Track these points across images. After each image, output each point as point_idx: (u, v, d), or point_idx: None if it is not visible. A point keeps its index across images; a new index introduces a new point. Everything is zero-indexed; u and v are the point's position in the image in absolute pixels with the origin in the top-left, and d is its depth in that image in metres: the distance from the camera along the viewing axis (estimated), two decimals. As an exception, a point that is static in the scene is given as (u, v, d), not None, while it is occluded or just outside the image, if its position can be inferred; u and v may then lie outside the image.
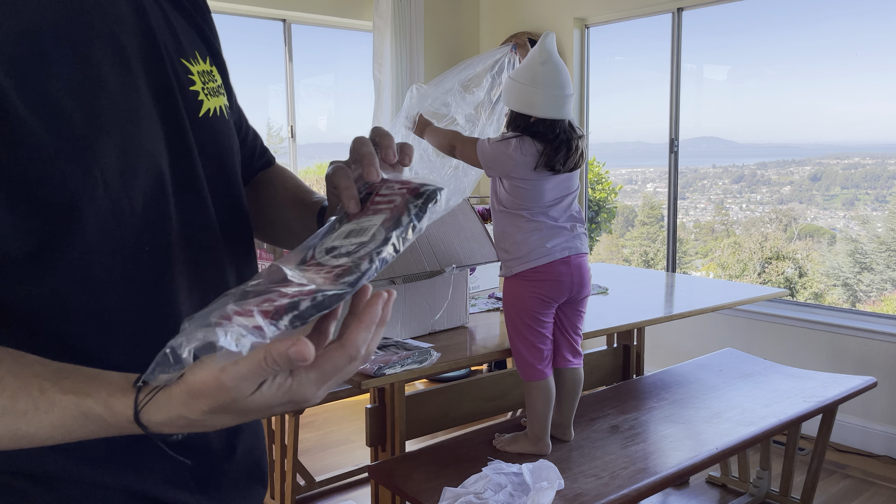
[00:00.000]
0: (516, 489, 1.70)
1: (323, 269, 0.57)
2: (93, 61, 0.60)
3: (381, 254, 0.58)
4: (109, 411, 0.54)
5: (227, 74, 0.84)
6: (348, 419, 3.63)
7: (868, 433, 3.32)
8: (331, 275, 0.56)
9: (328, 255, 0.60)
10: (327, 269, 0.57)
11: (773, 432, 2.17)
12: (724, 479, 2.92)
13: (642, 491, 1.78)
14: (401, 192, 0.65)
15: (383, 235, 0.60)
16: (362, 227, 0.63)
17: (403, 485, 1.79)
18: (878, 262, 3.73)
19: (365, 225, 0.63)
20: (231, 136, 0.79)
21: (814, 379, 2.60)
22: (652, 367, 3.94)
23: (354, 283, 0.55)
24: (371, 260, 0.57)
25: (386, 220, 0.62)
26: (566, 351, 2.02)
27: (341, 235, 0.62)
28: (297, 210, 0.86)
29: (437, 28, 4.74)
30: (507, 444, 1.98)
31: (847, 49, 3.62)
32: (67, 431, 0.55)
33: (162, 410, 0.53)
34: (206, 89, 0.74)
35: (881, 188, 3.78)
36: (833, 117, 3.78)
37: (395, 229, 0.61)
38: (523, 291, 1.93)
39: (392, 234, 0.60)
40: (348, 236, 0.62)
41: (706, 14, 3.95)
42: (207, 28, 0.80)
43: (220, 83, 0.79)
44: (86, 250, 0.60)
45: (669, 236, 4.13)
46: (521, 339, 1.94)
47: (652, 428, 2.15)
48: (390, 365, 1.80)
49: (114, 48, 0.62)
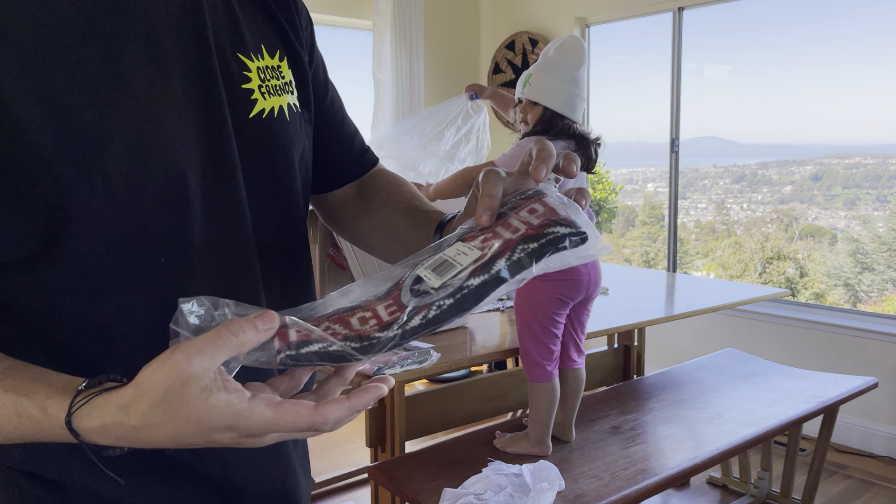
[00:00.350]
0: (516, 490, 1.69)
1: (387, 308, 0.52)
2: (118, 59, 0.57)
3: (407, 325, 0.51)
4: (43, 413, 0.51)
5: (308, 70, 0.78)
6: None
7: (869, 434, 3.31)
8: (372, 324, 0.51)
9: (412, 289, 0.53)
10: (389, 308, 0.52)
11: (774, 433, 2.16)
12: (725, 480, 2.91)
13: (643, 492, 1.77)
14: (529, 223, 0.54)
15: (447, 290, 0.52)
16: (455, 261, 0.54)
17: (403, 485, 1.78)
18: (880, 262, 3.72)
19: (458, 259, 0.54)
20: (291, 139, 0.72)
21: (815, 379, 2.59)
22: (653, 367, 3.94)
23: (363, 351, 0.50)
24: (391, 329, 0.50)
25: (479, 261, 0.53)
26: (573, 351, 2.02)
27: (435, 264, 0.54)
28: (413, 218, 0.78)
29: (437, 28, 4.74)
30: (508, 444, 1.98)
31: (848, 48, 3.61)
32: (3, 430, 0.52)
33: (95, 415, 0.49)
34: (266, 87, 0.69)
35: (882, 188, 3.77)
36: (834, 117, 3.78)
37: (474, 277, 0.52)
38: (542, 292, 1.93)
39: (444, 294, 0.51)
40: (438, 269, 0.54)
41: (707, 13, 3.94)
42: (287, 21, 0.75)
43: (288, 80, 0.73)
44: (83, 257, 0.57)
45: (670, 236, 4.13)
46: (534, 339, 1.93)
47: (653, 428, 2.15)
48: (390, 365, 1.79)
49: (149, 45, 0.60)
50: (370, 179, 0.88)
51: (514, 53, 4.67)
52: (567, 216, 0.54)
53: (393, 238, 0.81)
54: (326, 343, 0.50)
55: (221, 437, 0.49)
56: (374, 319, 0.51)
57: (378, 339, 0.50)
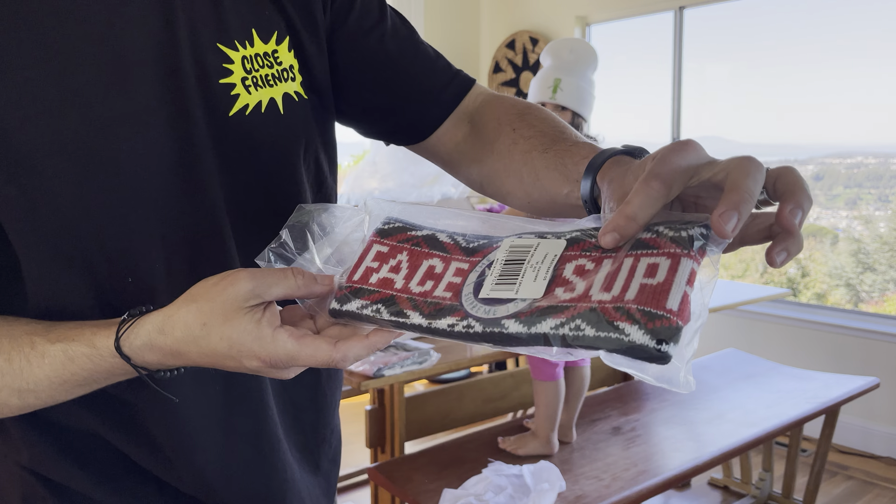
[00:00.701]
0: (517, 491, 1.68)
1: (456, 275, 0.51)
2: (70, 67, 0.54)
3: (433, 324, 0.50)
4: (93, 349, 0.52)
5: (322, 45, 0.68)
6: (348, 420, 3.62)
7: (870, 434, 3.30)
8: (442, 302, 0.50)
9: (476, 281, 0.49)
10: (456, 279, 0.51)
11: (775, 433, 2.15)
12: (727, 481, 2.90)
13: (644, 493, 1.76)
14: (626, 290, 0.42)
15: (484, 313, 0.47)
16: (524, 276, 0.47)
17: (403, 487, 1.77)
18: (881, 262, 3.71)
19: (527, 279, 0.46)
20: (288, 133, 0.66)
21: (816, 380, 2.58)
22: (653, 367, 3.93)
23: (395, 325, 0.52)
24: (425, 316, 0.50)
25: (535, 304, 0.45)
26: None
27: (510, 260, 0.48)
28: (554, 157, 0.62)
29: (438, 27, 4.73)
30: (515, 446, 1.96)
31: (850, 48, 3.60)
32: (63, 381, 0.54)
33: (142, 332, 0.51)
34: (254, 79, 0.62)
35: (884, 188, 3.76)
36: (836, 116, 3.77)
37: (515, 321, 0.45)
38: None
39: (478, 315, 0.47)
40: (505, 269, 0.48)
41: (708, 12, 3.93)
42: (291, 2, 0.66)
43: (288, 65, 0.65)
44: (39, 278, 0.57)
45: (671, 236, 4.12)
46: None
47: (653, 429, 2.14)
48: (390, 366, 1.78)
49: (108, 48, 0.56)
50: (484, 110, 0.73)
51: (515, 52, 4.66)
52: (676, 314, 0.40)
53: (532, 183, 0.64)
54: (367, 305, 0.52)
55: (249, 364, 0.51)
56: (431, 282, 0.51)
57: (405, 320, 0.50)
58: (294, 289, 0.51)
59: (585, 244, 0.46)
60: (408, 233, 0.55)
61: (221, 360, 0.51)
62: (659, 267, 0.42)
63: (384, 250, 0.54)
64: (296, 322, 0.55)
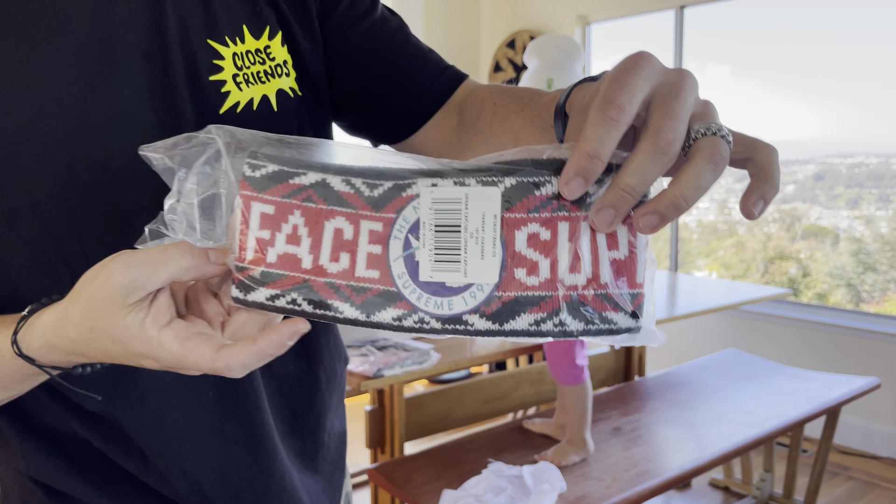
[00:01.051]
0: (517, 492, 1.68)
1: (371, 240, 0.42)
2: (53, 64, 0.53)
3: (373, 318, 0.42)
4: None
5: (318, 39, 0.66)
6: (348, 421, 3.61)
7: (871, 434, 3.29)
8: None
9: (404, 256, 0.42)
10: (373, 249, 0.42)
11: (776, 434, 2.15)
12: (727, 482, 2.90)
13: (644, 493, 1.76)
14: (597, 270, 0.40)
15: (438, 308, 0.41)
16: (467, 252, 0.40)
17: (403, 487, 1.77)
18: (882, 262, 3.71)
19: (472, 257, 0.40)
20: (280, 130, 0.62)
21: (817, 380, 2.58)
22: (654, 368, 3.92)
23: (316, 318, 0.43)
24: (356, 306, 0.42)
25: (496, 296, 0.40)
26: (578, 345, 2.04)
27: (441, 231, 0.41)
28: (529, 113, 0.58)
29: (438, 26, 4.73)
30: (556, 459, 1.90)
31: (850, 47, 3.60)
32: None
33: (38, 333, 0.46)
34: (245, 75, 0.60)
35: (885, 187, 3.75)
36: (837, 116, 3.76)
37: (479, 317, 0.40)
38: None
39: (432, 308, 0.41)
40: (440, 245, 0.41)
41: (708, 12, 3.93)
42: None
43: (281, 61, 0.63)
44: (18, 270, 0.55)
45: (672, 236, 4.11)
46: (578, 341, 1.95)
47: (654, 430, 2.13)
48: (390, 366, 1.78)
49: (93, 45, 0.54)
50: (471, 97, 0.70)
51: (515, 52, 4.65)
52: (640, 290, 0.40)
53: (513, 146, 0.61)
54: (279, 295, 0.43)
55: (147, 363, 0.45)
56: (346, 255, 0.42)
57: (336, 314, 0.42)
58: (181, 272, 0.43)
59: (531, 200, 0.40)
60: (289, 181, 0.43)
61: (124, 361, 0.45)
62: (618, 236, 0.40)
63: (269, 211, 0.43)
64: (201, 302, 0.47)
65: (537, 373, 2.64)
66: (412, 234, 0.41)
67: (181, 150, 0.44)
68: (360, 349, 1.90)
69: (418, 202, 0.41)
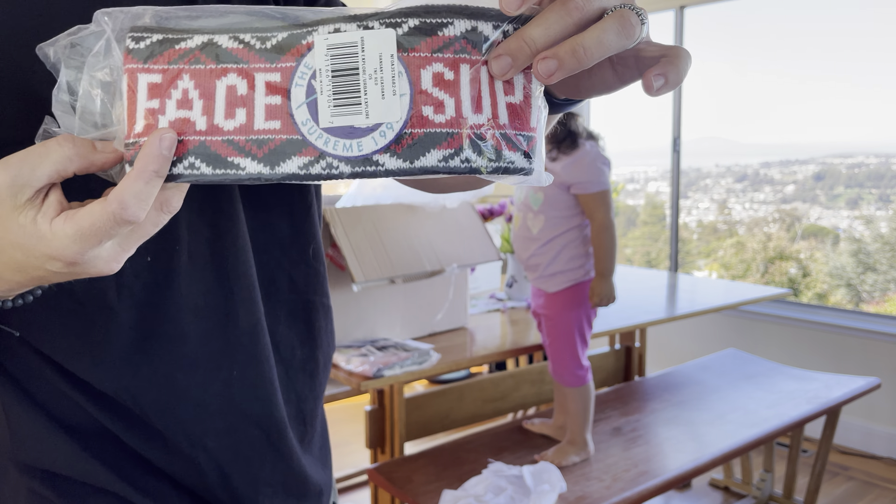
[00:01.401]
0: (517, 492, 1.68)
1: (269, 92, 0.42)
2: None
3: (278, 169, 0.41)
4: None
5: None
6: (347, 421, 3.62)
7: (872, 435, 3.29)
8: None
9: (307, 103, 0.41)
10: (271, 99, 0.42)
11: (776, 434, 2.15)
12: (727, 482, 2.90)
13: (644, 494, 1.76)
14: (495, 104, 0.42)
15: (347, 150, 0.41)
16: (366, 90, 0.41)
17: (403, 487, 1.77)
18: (882, 262, 3.71)
19: (371, 94, 0.41)
20: None
21: (817, 380, 2.58)
22: (654, 368, 3.92)
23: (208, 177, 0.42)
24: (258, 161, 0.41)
25: (407, 130, 0.41)
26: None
27: (339, 71, 0.41)
28: None
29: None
30: (556, 459, 1.91)
31: (850, 47, 3.60)
32: None
33: None
34: None
35: (885, 188, 3.76)
36: (837, 116, 3.76)
37: (389, 155, 0.41)
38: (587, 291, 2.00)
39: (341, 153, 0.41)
40: (340, 86, 0.41)
41: (708, 12, 3.93)
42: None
43: None
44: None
45: (672, 236, 4.11)
46: (583, 343, 1.97)
47: (654, 430, 2.13)
48: (390, 366, 1.78)
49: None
50: None
51: (515, 53, 4.66)
52: (533, 133, 0.43)
53: None
54: (175, 161, 0.41)
55: (55, 268, 0.43)
56: (242, 111, 0.41)
57: (238, 171, 0.41)
58: (66, 161, 0.41)
59: (434, 40, 0.41)
60: (175, 46, 0.42)
61: (34, 272, 0.44)
62: (514, 82, 0.42)
63: (156, 80, 0.41)
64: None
65: (537, 373, 2.64)
66: (313, 80, 0.41)
67: (73, 40, 0.42)
68: (361, 349, 1.90)
69: (314, 46, 0.41)
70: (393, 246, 2.04)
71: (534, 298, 2.07)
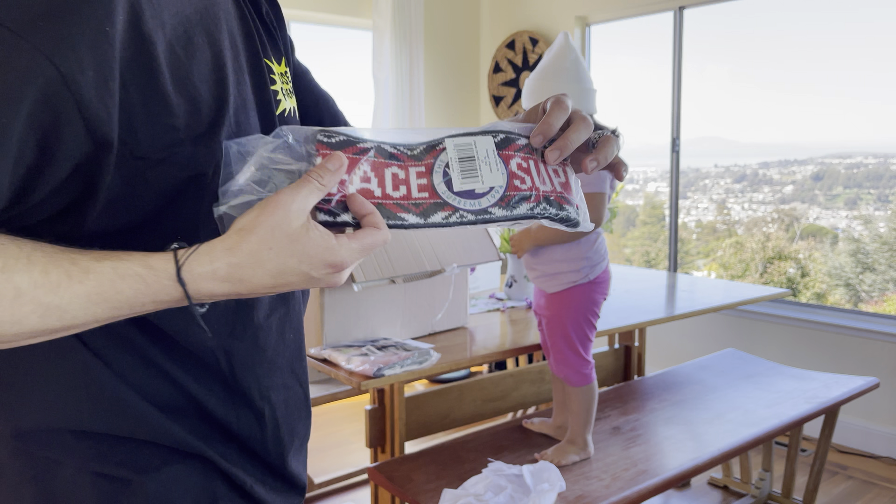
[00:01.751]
0: (517, 491, 1.68)
1: (419, 177, 0.64)
2: (221, 53, 0.63)
3: (428, 219, 0.63)
4: (148, 269, 0.55)
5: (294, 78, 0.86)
6: (348, 420, 3.62)
7: (870, 434, 3.30)
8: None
9: (444, 180, 0.65)
10: (420, 181, 0.64)
11: (775, 433, 2.15)
12: (726, 481, 2.90)
13: (644, 493, 1.76)
14: (553, 183, 0.69)
15: (471, 205, 0.64)
16: (481, 170, 0.66)
17: (403, 486, 1.77)
18: (881, 262, 3.72)
19: (485, 172, 0.65)
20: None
21: (816, 380, 2.59)
22: (653, 367, 3.93)
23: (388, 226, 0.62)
24: (416, 215, 0.63)
25: (507, 192, 0.66)
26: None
27: (463, 156, 0.65)
28: None
29: (438, 27, 4.73)
30: (555, 458, 1.91)
31: (850, 48, 3.61)
32: (104, 299, 0.54)
33: (204, 260, 0.55)
34: (284, 90, 0.77)
35: (883, 188, 3.76)
36: (836, 116, 3.77)
37: (499, 207, 0.65)
38: (595, 295, 1.99)
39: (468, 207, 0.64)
40: (465, 165, 0.65)
41: (708, 12, 3.94)
42: (282, 34, 0.82)
43: (291, 87, 0.81)
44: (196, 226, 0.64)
45: (671, 236, 4.12)
46: (585, 342, 1.97)
47: (653, 429, 2.14)
48: (390, 366, 1.78)
49: (231, 43, 0.66)
50: None
51: (515, 53, 4.66)
52: (576, 200, 0.69)
53: None
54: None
55: (318, 273, 0.58)
56: (403, 187, 0.63)
57: (403, 222, 0.62)
58: (320, 188, 0.58)
59: (514, 146, 0.68)
60: (356, 145, 0.62)
61: (289, 278, 0.57)
62: (557, 171, 0.71)
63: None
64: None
65: (537, 372, 2.65)
66: (447, 167, 0.65)
67: (253, 144, 0.61)
68: (361, 349, 1.90)
69: (446, 148, 0.65)
70: (393, 246, 2.05)
71: (536, 298, 2.07)
